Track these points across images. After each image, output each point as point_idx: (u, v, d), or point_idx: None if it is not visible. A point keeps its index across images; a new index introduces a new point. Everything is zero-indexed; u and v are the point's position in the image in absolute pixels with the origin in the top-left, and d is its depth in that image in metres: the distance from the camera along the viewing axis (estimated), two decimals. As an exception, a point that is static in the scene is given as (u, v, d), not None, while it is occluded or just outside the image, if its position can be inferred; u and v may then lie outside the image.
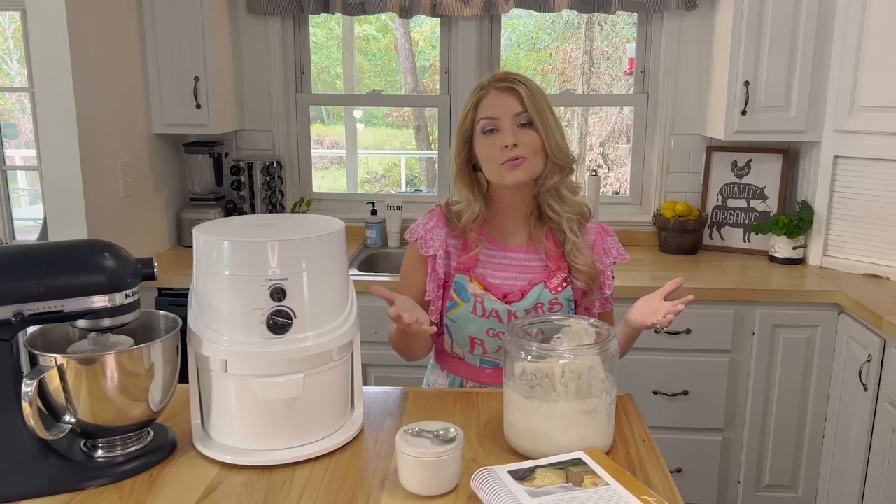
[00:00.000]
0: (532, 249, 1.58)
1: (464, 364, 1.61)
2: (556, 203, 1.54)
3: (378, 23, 6.43)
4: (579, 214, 1.57)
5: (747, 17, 2.66)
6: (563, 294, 1.55)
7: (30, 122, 3.85)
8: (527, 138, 1.48)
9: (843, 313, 2.45)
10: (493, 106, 1.49)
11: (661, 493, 1.12)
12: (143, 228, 2.82)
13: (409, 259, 1.62)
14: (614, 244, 1.62)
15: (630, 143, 3.23)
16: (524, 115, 1.48)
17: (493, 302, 1.53)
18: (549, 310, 1.53)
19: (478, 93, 1.52)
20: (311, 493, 1.13)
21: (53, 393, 1.13)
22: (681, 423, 2.61)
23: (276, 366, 1.19)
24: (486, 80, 1.54)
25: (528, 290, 1.54)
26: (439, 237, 1.57)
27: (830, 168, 2.70)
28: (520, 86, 1.48)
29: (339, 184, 6.81)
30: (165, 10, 2.75)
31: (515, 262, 1.57)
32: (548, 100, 1.51)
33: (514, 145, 1.46)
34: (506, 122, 1.48)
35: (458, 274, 1.56)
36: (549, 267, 1.56)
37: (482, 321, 1.53)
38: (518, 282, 1.55)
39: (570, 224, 1.54)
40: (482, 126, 1.50)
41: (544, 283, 1.54)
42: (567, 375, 1.17)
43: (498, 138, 1.48)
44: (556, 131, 1.50)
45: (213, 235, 1.19)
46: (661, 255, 2.97)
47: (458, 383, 1.62)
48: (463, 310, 1.54)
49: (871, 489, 2.25)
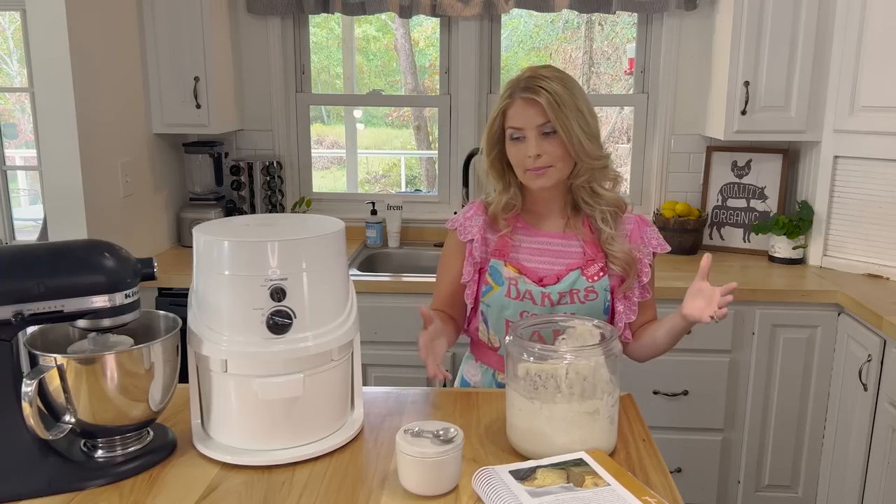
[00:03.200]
0: (570, 235, 1.60)
1: (496, 355, 1.62)
2: (590, 197, 1.57)
3: (378, 23, 6.43)
4: (615, 207, 1.59)
5: (747, 17, 2.66)
6: (600, 283, 1.56)
7: (30, 122, 3.85)
8: (550, 147, 1.50)
9: (843, 313, 2.45)
10: (517, 116, 1.51)
11: (661, 493, 1.12)
12: (143, 228, 2.82)
13: (447, 247, 1.68)
14: (653, 234, 1.63)
15: (630, 143, 3.23)
16: (547, 125, 1.49)
17: (527, 284, 1.55)
18: (584, 297, 1.54)
19: (505, 100, 1.54)
20: (311, 493, 1.12)
21: (53, 393, 1.13)
22: (681, 423, 2.61)
23: (276, 366, 1.19)
24: (516, 81, 1.54)
25: (565, 274, 1.55)
26: (477, 224, 1.62)
27: (830, 168, 2.70)
28: (542, 94, 1.48)
29: (339, 184, 6.81)
30: (165, 10, 2.75)
31: (552, 247, 1.59)
32: (576, 100, 1.50)
33: (537, 156, 1.49)
34: (530, 132, 1.50)
35: (494, 259, 1.59)
36: (587, 254, 1.57)
37: (516, 304, 1.55)
38: (555, 266, 1.57)
39: (602, 216, 1.57)
40: (510, 133, 1.53)
41: (581, 270, 1.56)
42: (572, 377, 1.17)
43: (524, 147, 1.51)
44: (582, 135, 1.49)
45: (213, 235, 1.19)
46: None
47: (490, 375, 1.64)
48: (497, 293, 1.56)
49: (871, 489, 2.25)
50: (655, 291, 1.66)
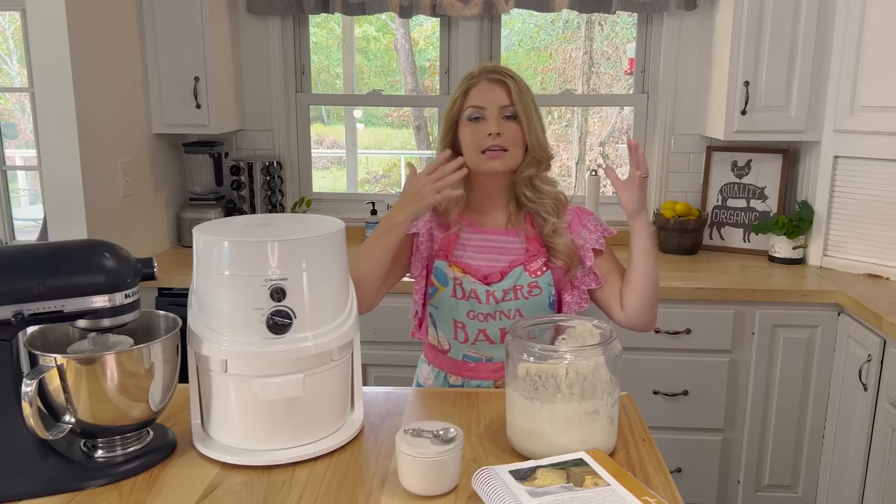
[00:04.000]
0: (511, 232, 1.61)
1: (447, 358, 1.64)
2: (531, 192, 1.59)
3: (378, 23, 6.43)
4: (555, 200, 1.61)
5: (747, 17, 2.66)
6: (543, 278, 1.57)
7: (30, 122, 3.85)
8: (509, 131, 1.54)
9: (843, 313, 2.45)
10: (481, 96, 1.55)
11: (661, 493, 1.12)
12: (143, 228, 2.82)
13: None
14: (597, 220, 1.65)
15: (630, 143, 3.22)
16: (510, 108, 1.54)
17: (472, 283, 1.56)
18: (528, 293, 1.56)
19: (468, 81, 1.58)
20: (311, 493, 1.12)
21: (53, 393, 1.12)
22: (681, 423, 2.61)
23: (276, 366, 1.19)
24: (476, 70, 1.60)
25: (508, 271, 1.57)
26: (424, 218, 1.63)
27: (830, 168, 2.70)
28: (509, 79, 1.55)
29: (339, 184, 6.81)
30: (165, 10, 2.75)
31: (495, 243, 1.61)
32: (533, 97, 1.58)
33: (497, 134, 1.52)
34: (492, 112, 1.54)
35: (438, 259, 1.61)
36: (529, 250, 1.59)
37: (462, 303, 1.57)
38: (498, 263, 1.59)
39: (544, 208, 1.59)
40: (469, 114, 1.56)
41: (524, 266, 1.57)
42: (572, 377, 1.17)
43: (482, 126, 1.54)
44: (538, 127, 1.57)
45: (213, 235, 1.19)
46: (661, 255, 2.97)
47: (443, 377, 1.65)
48: (443, 294, 1.58)
49: (871, 489, 2.25)
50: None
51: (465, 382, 1.62)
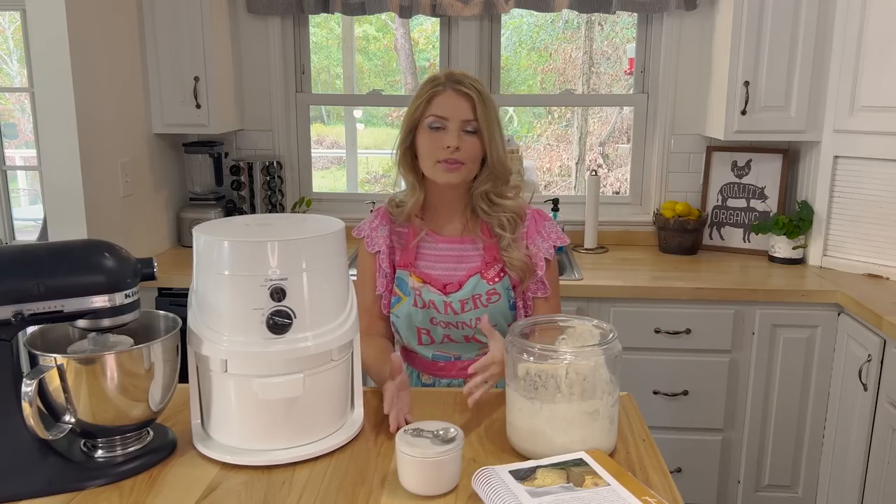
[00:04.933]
0: (467, 240, 1.62)
1: (418, 358, 1.65)
2: (487, 206, 1.58)
3: (378, 23, 6.42)
4: (514, 214, 1.59)
5: (747, 17, 2.66)
6: (501, 284, 1.58)
7: (30, 122, 3.85)
8: (468, 145, 1.52)
9: (843, 313, 2.45)
10: (444, 106, 1.53)
11: (661, 493, 1.12)
12: (143, 228, 2.82)
13: (360, 256, 1.68)
14: (552, 228, 1.63)
15: (630, 143, 3.23)
16: (472, 122, 1.52)
17: (430, 293, 1.57)
18: (487, 300, 1.57)
19: (433, 88, 1.54)
20: (311, 493, 1.12)
21: (53, 393, 1.12)
22: (681, 423, 2.61)
23: (276, 366, 1.19)
24: (443, 75, 1.56)
25: (465, 280, 1.57)
26: (383, 234, 1.64)
27: (830, 168, 2.70)
28: (474, 93, 1.52)
29: (339, 184, 6.81)
30: (165, 10, 2.75)
31: (452, 252, 1.61)
32: (497, 111, 1.56)
33: (455, 148, 1.51)
34: (453, 124, 1.52)
35: (400, 269, 1.62)
36: (485, 258, 1.59)
37: (422, 312, 1.58)
38: (457, 272, 1.59)
39: (500, 223, 1.58)
40: (430, 122, 1.53)
41: (480, 274, 1.58)
42: (572, 377, 1.17)
43: (442, 137, 1.52)
44: (500, 143, 1.55)
45: (213, 235, 1.19)
46: (661, 255, 2.97)
47: (416, 376, 1.67)
48: (405, 304, 1.59)
49: (871, 489, 2.25)
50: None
51: (437, 381, 1.64)
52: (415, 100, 1.57)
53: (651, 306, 2.52)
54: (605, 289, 2.51)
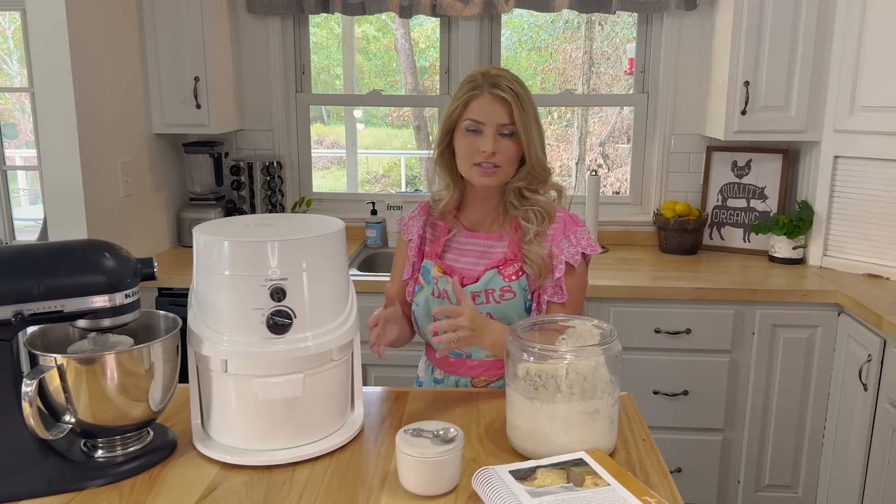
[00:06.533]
0: (496, 237, 1.62)
1: (433, 351, 1.66)
2: (517, 200, 1.58)
3: (378, 23, 6.43)
4: (542, 208, 1.58)
5: (747, 17, 2.66)
6: (518, 283, 1.57)
7: (30, 122, 3.86)
8: (505, 148, 1.52)
9: (843, 313, 2.45)
10: (481, 110, 1.52)
11: (661, 493, 1.12)
12: (143, 228, 2.82)
13: (398, 242, 1.75)
14: (583, 235, 1.60)
15: (630, 143, 3.23)
16: (510, 126, 1.52)
17: (446, 283, 1.57)
18: (500, 296, 1.56)
19: (471, 91, 1.54)
20: (311, 493, 1.13)
21: (53, 393, 1.13)
22: (681, 423, 2.61)
23: (276, 366, 1.19)
24: (481, 75, 1.55)
25: (482, 274, 1.57)
26: (418, 224, 1.68)
27: (830, 168, 2.70)
28: (511, 96, 1.51)
29: (339, 184, 6.81)
30: (165, 10, 2.75)
31: (478, 247, 1.62)
32: (536, 109, 1.55)
33: (492, 154, 1.51)
34: (490, 129, 1.51)
35: (427, 259, 1.64)
36: (507, 254, 1.59)
37: (438, 302, 1.58)
38: (477, 266, 1.60)
39: (525, 216, 1.57)
40: (467, 125, 1.53)
41: (497, 270, 1.57)
42: (572, 377, 1.17)
43: (478, 140, 1.52)
44: (538, 144, 1.54)
45: (213, 235, 1.19)
46: (662, 255, 2.97)
47: (431, 370, 1.67)
48: (425, 293, 1.61)
49: (871, 489, 2.25)
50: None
51: (446, 377, 1.64)
52: (452, 101, 1.56)
53: (651, 306, 2.52)
54: (606, 289, 2.51)
